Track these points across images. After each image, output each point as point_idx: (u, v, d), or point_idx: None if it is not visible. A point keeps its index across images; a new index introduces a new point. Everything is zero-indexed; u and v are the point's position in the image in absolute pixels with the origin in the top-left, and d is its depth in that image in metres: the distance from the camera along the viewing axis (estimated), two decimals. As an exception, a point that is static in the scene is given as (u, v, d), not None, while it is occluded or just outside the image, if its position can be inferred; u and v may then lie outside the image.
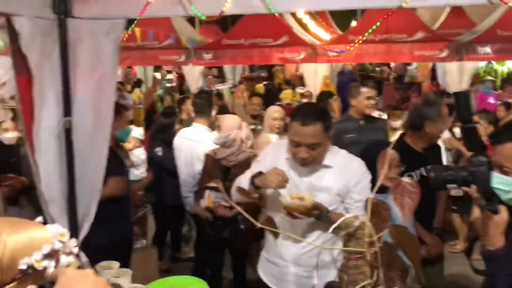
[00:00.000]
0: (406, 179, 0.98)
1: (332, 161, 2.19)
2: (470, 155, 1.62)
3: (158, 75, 13.23)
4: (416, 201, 0.95)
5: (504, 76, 11.80)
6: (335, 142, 3.54)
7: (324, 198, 2.11)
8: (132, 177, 3.68)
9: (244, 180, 2.27)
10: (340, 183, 2.16)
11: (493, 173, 1.58)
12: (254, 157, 3.26)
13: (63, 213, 2.35)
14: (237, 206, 1.38)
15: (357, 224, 0.90)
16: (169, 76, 14.49)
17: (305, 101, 7.77)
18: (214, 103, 5.29)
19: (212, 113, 4.12)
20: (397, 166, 1.10)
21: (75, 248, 1.08)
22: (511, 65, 12.05)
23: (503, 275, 1.58)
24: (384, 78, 12.03)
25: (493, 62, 11.32)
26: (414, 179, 2.09)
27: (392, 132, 4.61)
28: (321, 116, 2.14)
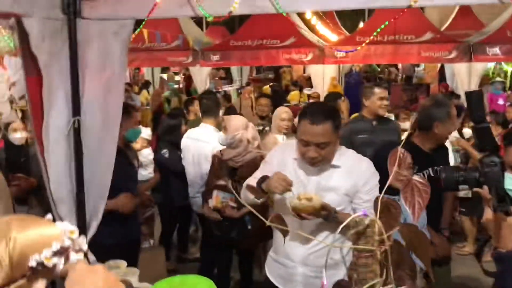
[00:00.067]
0: (417, 178, 0.97)
1: (341, 161, 2.18)
2: (482, 156, 1.59)
3: (165, 77, 13.28)
4: (427, 200, 0.95)
5: (514, 77, 11.72)
6: (347, 142, 3.55)
7: (332, 198, 2.09)
8: (140, 177, 3.69)
9: (252, 183, 2.25)
10: (349, 183, 2.15)
11: (506, 174, 1.56)
12: (261, 158, 3.26)
13: (72, 213, 2.36)
14: (246, 204, 1.37)
15: (367, 222, 0.90)
16: (176, 78, 14.56)
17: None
18: (222, 105, 5.30)
19: (220, 113, 4.12)
20: (410, 168, 1.09)
21: (85, 246, 1.08)
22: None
23: None
24: (392, 79, 12.00)
25: (503, 63, 11.24)
26: (423, 179, 2.07)
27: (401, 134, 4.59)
28: (331, 115, 2.12)
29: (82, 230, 2.36)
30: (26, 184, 3.70)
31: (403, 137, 3.20)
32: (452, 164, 4.13)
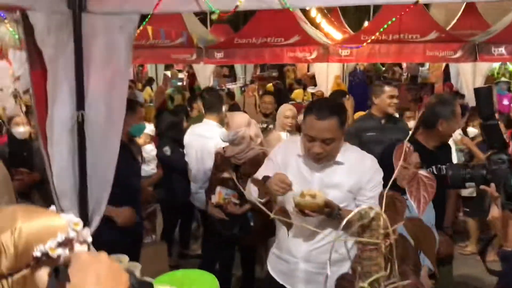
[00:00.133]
0: (422, 172, 0.97)
1: (344, 158, 2.17)
2: (490, 153, 1.58)
3: (169, 74, 13.30)
4: (432, 194, 0.94)
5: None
6: (355, 140, 3.54)
7: (336, 195, 2.09)
8: (142, 173, 3.69)
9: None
10: (352, 180, 2.14)
11: None
12: (263, 155, 3.25)
13: (74, 206, 2.36)
14: (253, 198, 1.37)
15: (372, 215, 0.89)
16: (180, 75, 14.58)
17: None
18: (225, 102, 5.29)
19: (223, 109, 4.12)
20: (417, 168, 1.07)
21: (89, 238, 1.08)
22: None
23: None
24: (396, 79, 11.96)
25: (508, 63, 11.19)
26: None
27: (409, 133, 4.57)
28: (337, 111, 2.11)
29: (85, 224, 2.35)
30: (29, 179, 3.72)
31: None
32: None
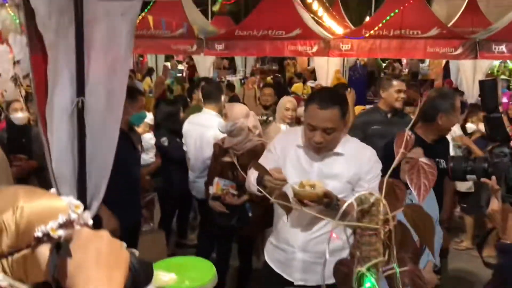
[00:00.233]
0: (423, 159, 0.97)
1: (344, 149, 2.18)
2: (493, 146, 1.58)
3: (169, 65, 13.26)
4: (433, 182, 0.94)
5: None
6: (360, 132, 3.54)
7: (335, 186, 2.09)
8: (141, 162, 3.69)
9: (254, 175, 2.22)
10: (351, 171, 2.15)
11: None
12: (262, 146, 3.25)
13: (73, 192, 2.35)
14: (253, 185, 1.37)
15: (372, 201, 0.90)
16: (180, 67, 14.54)
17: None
18: (225, 94, 5.27)
19: (222, 99, 4.12)
20: None
21: (90, 221, 1.08)
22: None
23: None
24: (396, 75, 11.94)
25: (508, 61, 11.20)
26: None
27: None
28: (339, 101, 2.11)
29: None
30: (27, 165, 3.71)
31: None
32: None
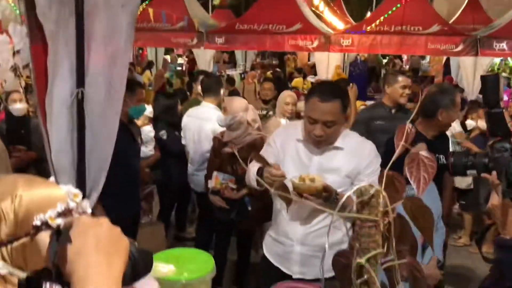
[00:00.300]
0: (423, 152, 0.97)
1: (344, 143, 2.18)
2: (493, 141, 1.59)
3: (168, 58, 13.23)
4: (432, 175, 0.94)
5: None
6: (364, 127, 3.53)
7: (334, 180, 2.09)
8: (141, 154, 3.69)
9: (254, 169, 2.22)
10: (351, 165, 2.15)
11: None
12: (261, 140, 3.25)
13: (72, 183, 2.35)
14: (254, 175, 1.37)
15: (372, 192, 0.90)
16: (180, 60, 14.51)
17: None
18: (225, 88, 5.25)
19: (221, 92, 4.12)
20: None
21: (88, 209, 1.08)
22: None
23: None
24: (402, 71, 11.92)
25: (509, 59, 11.18)
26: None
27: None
28: (340, 95, 2.11)
29: (82, 202, 2.36)
30: (26, 156, 3.70)
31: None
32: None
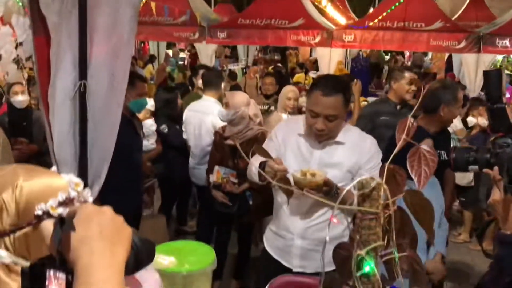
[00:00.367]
0: (424, 147, 0.97)
1: (345, 138, 2.18)
2: (495, 137, 1.59)
3: (170, 52, 13.22)
4: (433, 169, 0.95)
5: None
6: (369, 122, 3.53)
7: (335, 174, 2.09)
8: (143, 148, 3.69)
9: (256, 163, 2.21)
10: (352, 160, 2.15)
11: None
12: (262, 135, 3.26)
13: (74, 175, 2.35)
14: (255, 168, 1.37)
15: (373, 185, 0.90)
16: (182, 55, 14.49)
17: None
18: (226, 81, 5.24)
19: (222, 86, 4.13)
20: None
21: (90, 198, 1.09)
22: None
23: None
24: (408, 67, 11.88)
25: (511, 56, 11.16)
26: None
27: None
28: (342, 89, 2.11)
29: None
30: (28, 149, 3.71)
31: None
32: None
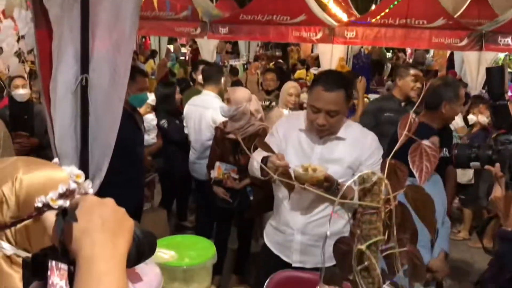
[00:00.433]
0: (426, 142, 0.97)
1: (346, 134, 2.18)
2: (497, 134, 1.59)
3: (171, 48, 13.21)
4: (435, 164, 0.95)
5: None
6: (373, 118, 3.53)
7: (336, 170, 2.09)
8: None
9: (258, 157, 2.22)
10: (353, 156, 2.15)
11: None
12: (264, 130, 3.26)
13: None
14: (257, 162, 1.37)
15: (375, 180, 0.91)
16: (183, 50, 14.47)
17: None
18: (229, 78, 5.23)
19: (221, 81, 4.14)
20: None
21: (90, 190, 1.09)
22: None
23: None
24: (399, 65, 11.87)
25: (513, 54, 11.14)
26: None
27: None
28: (344, 84, 2.11)
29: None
30: (28, 143, 3.71)
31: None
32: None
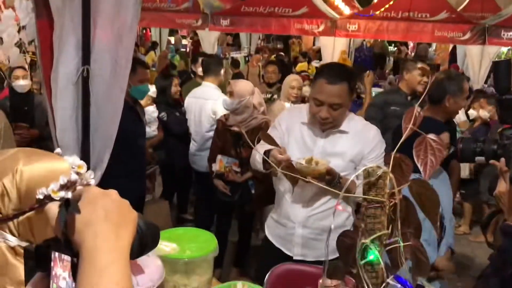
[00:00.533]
0: (431, 136, 0.96)
1: (349, 127, 2.17)
2: (503, 128, 1.59)
3: (172, 40, 13.17)
4: (440, 159, 0.94)
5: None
6: (379, 112, 3.53)
7: (338, 164, 2.09)
8: (145, 135, 3.69)
9: (261, 150, 2.21)
10: (355, 150, 2.14)
11: None
12: (266, 124, 3.25)
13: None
14: (260, 155, 1.37)
15: (380, 174, 0.90)
16: (184, 42, 14.43)
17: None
18: (230, 70, 5.21)
19: (221, 72, 4.13)
20: (448, 148, 1.05)
21: (92, 180, 1.08)
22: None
23: None
24: (401, 58, 11.83)
25: (516, 48, 11.07)
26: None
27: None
28: (348, 77, 2.09)
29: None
30: (29, 134, 3.70)
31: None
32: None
